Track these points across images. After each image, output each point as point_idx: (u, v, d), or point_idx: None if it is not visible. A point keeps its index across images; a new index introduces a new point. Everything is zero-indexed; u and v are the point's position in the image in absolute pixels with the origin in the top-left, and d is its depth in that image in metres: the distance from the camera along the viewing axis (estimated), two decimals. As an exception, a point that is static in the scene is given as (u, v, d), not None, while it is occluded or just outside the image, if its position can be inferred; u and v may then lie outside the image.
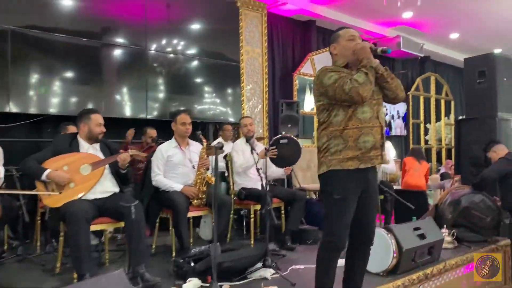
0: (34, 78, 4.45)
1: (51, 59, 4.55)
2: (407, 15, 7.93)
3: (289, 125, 6.60)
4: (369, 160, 2.24)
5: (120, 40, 5.03)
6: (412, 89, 9.73)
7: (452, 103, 10.46)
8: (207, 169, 3.72)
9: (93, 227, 2.94)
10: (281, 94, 7.39)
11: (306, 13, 7.46)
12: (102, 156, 3.11)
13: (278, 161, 4.11)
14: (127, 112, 5.09)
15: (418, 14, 7.90)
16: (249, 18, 6.47)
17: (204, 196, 3.66)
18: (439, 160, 10.09)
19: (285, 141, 4.14)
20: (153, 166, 3.69)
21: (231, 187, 4.24)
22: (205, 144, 3.68)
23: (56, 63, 4.58)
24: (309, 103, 7.97)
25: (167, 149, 3.74)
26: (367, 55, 2.21)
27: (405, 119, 9.92)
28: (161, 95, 5.41)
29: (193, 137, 3.91)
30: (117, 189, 3.14)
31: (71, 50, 4.67)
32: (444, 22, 8.31)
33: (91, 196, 2.97)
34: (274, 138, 4.25)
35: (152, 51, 5.29)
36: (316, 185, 5.58)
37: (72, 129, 3.86)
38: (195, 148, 3.85)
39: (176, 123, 3.80)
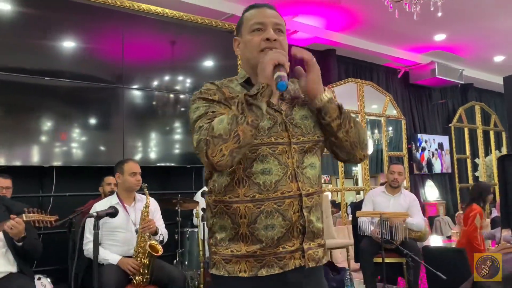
0: None
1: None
2: (439, 37, 6.94)
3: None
4: (275, 261, 1.27)
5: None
6: (454, 120, 8.64)
7: (503, 134, 9.18)
8: (153, 233, 2.88)
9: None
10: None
11: (323, 41, 6.68)
12: (-4, 223, 2.36)
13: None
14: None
15: (452, 36, 6.89)
16: (248, 47, 5.73)
17: (147, 271, 2.80)
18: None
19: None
20: (86, 231, 2.91)
21: (200, 252, 3.37)
22: (147, 200, 2.86)
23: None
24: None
25: (103, 208, 2.94)
26: (265, 74, 1.22)
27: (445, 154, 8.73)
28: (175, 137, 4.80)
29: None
30: (12, 269, 2.36)
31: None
32: (484, 44, 7.23)
33: (-31, 280, 2.21)
34: None
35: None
36: (327, 242, 4.58)
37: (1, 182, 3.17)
38: (143, 205, 3.04)
39: (122, 174, 3.03)
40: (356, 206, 4.51)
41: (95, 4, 4.47)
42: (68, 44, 4.31)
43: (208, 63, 5.36)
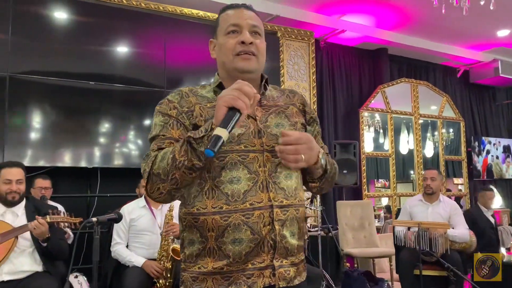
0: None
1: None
2: (502, 33, 6.44)
3: (345, 171, 5.50)
4: (243, 278, 1.18)
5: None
6: (522, 122, 8.00)
7: None
8: (177, 237, 2.89)
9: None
10: (344, 133, 6.34)
11: (373, 40, 6.43)
12: (25, 223, 2.47)
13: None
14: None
15: (517, 31, 6.37)
16: (292, 49, 5.64)
17: (169, 275, 2.81)
18: None
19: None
20: (114, 232, 2.98)
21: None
22: (171, 204, 2.88)
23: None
24: (404, 146, 6.79)
25: (131, 211, 3.02)
26: (217, 117, 1.11)
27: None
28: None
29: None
30: (38, 268, 2.45)
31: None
32: (556, 38, 6.61)
33: (-4, 277, 2.33)
34: None
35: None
36: (367, 251, 4.41)
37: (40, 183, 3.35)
38: (175, 208, 3.06)
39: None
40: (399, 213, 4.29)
41: (141, 10, 4.61)
42: (121, 49, 4.49)
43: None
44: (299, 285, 1.25)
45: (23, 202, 2.65)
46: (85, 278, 3.28)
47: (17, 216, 2.57)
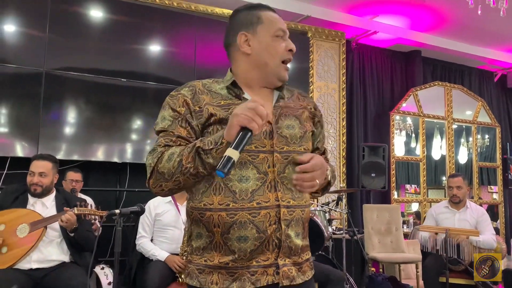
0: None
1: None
2: (544, 37, 6.20)
3: (373, 174, 5.43)
4: (247, 275, 1.20)
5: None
6: None
7: None
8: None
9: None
10: (373, 136, 6.26)
11: (407, 42, 6.32)
12: (54, 214, 2.56)
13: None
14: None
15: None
16: (322, 49, 5.60)
17: (191, 270, 2.85)
18: None
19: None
20: (139, 226, 3.04)
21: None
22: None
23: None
24: (436, 151, 6.66)
25: (157, 206, 3.07)
26: (230, 133, 1.13)
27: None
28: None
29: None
30: (65, 258, 2.53)
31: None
32: None
33: (25, 265, 2.42)
34: None
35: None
36: (393, 256, 4.34)
37: (71, 176, 3.46)
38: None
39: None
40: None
41: (173, 9, 4.69)
42: (153, 48, 4.59)
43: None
44: (302, 284, 1.26)
45: (53, 194, 2.74)
46: (111, 270, 3.36)
47: (46, 207, 2.66)
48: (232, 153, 1.08)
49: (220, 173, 1.07)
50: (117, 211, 1.94)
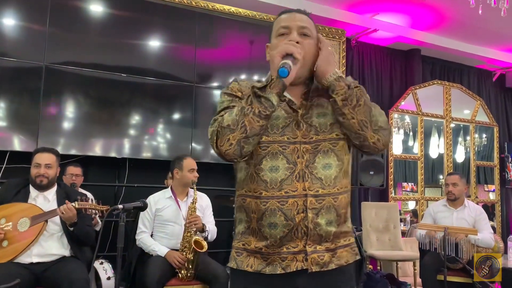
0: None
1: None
2: (543, 36, 6.22)
3: (371, 172, 5.44)
4: (278, 261, 1.28)
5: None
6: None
7: None
8: (199, 230, 2.93)
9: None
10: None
11: (406, 40, 6.32)
12: (55, 207, 2.55)
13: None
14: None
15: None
16: (322, 47, 5.59)
17: (191, 266, 2.86)
18: None
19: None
20: (139, 221, 3.05)
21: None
22: (194, 196, 2.92)
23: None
24: (434, 149, 6.68)
25: (157, 201, 3.08)
26: (274, 66, 1.23)
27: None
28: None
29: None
30: (66, 252, 2.53)
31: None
32: None
33: (26, 259, 2.42)
34: None
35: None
36: (391, 254, 4.36)
37: (72, 170, 3.45)
38: (200, 200, 3.10)
39: (181, 170, 3.12)
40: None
41: (174, 5, 4.67)
42: (153, 43, 4.57)
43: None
44: (336, 269, 1.30)
45: (55, 188, 2.74)
46: (110, 265, 3.36)
47: (48, 201, 2.65)
48: (283, 61, 1.22)
49: (283, 70, 1.18)
50: (120, 206, 1.94)
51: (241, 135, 1.21)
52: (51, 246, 2.54)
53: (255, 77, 5.08)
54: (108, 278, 3.11)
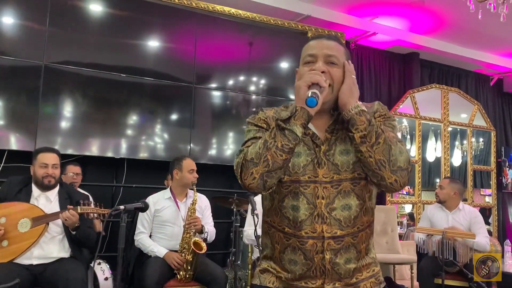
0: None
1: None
2: (541, 42, 6.25)
3: (369, 176, 5.44)
4: None
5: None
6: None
7: None
8: (198, 231, 2.93)
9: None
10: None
11: (405, 44, 6.34)
12: (57, 209, 2.54)
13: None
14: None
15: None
16: (322, 50, 5.60)
17: (190, 267, 2.85)
18: None
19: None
20: (138, 222, 3.04)
21: (249, 253, 3.36)
22: (194, 197, 2.92)
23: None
24: (431, 153, 6.70)
25: (156, 202, 3.07)
26: (300, 96, 1.21)
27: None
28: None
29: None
30: (66, 255, 2.52)
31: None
32: None
33: (25, 261, 2.40)
34: None
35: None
36: (388, 257, 4.36)
37: (72, 169, 3.44)
38: (199, 201, 3.10)
39: (180, 170, 3.11)
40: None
41: (174, 5, 4.66)
42: (152, 44, 4.56)
43: (284, 64, 5.33)
44: None
45: (57, 188, 2.72)
46: (108, 266, 3.35)
47: (50, 201, 2.64)
48: (311, 90, 1.20)
49: (312, 100, 1.17)
50: (122, 207, 1.94)
51: (263, 169, 1.20)
52: (52, 249, 2.52)
53: (254, 78, 5.08)
54: (106, 279, 3.10)
